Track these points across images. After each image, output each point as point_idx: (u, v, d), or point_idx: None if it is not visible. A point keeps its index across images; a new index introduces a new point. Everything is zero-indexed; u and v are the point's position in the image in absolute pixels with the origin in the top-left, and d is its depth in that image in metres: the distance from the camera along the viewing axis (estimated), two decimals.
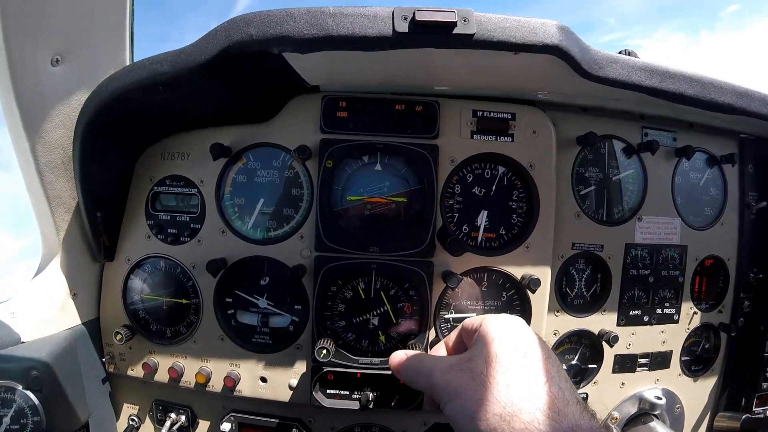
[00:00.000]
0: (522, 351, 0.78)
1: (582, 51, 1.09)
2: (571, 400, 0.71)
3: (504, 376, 0.73)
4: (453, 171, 1.39)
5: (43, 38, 1.17)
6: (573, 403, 0.71)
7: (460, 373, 0.78)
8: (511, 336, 0.82)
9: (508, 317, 0.90)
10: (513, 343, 0.80)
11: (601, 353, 1.57)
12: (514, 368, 0.75)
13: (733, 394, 1.77)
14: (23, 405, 1.16)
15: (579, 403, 0.72)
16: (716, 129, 1.68)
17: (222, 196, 1.42)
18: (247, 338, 1.44)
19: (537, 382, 0.73)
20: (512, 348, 0.79)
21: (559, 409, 0.69)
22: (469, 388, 0.74)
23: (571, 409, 0.69)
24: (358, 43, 1.00)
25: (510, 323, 0.87)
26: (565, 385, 0.75)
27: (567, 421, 0.67)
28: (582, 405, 0.72)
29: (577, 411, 0.69)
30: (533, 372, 0.75)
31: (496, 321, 0.87)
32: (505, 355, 0.77)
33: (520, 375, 0.74)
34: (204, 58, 1.04)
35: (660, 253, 1.60)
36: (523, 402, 0.69)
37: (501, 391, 0.71)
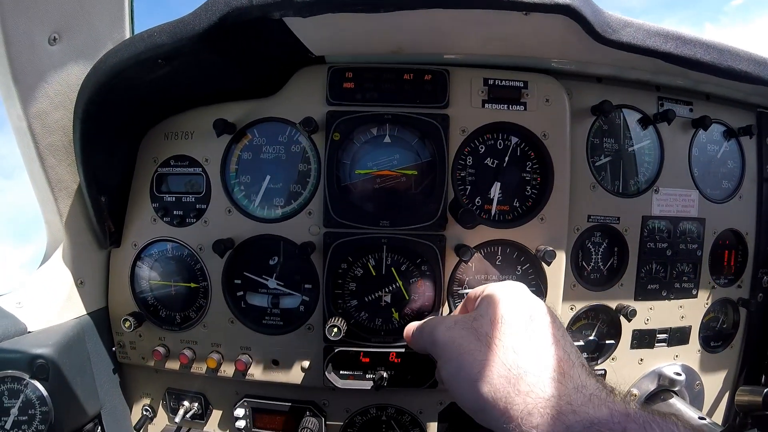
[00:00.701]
0: (527, 314, 0.78)
1: (595, 13, 1.05)
2: (576, 362, 0.71)
3: (510, 338, 0.73)
4: (464, 142, 1.35)
5: (40, 16, 1.14)
6: (578, 365, 0.71)
7: (464, 330, 0.77)
8: (516, 299, 0.81)
9: (511, 283, 0.89)
10: (518, 306, 0.79)
11: (619, 329, 1.54)
12: (519, 330, 0.74)
13: (753, 370, 1.74)
14: (31, 395, 1.15)
15: (584, 366, 0.71)
16: (734, 101, 1.64)
17: (227, 175, 1.40)
18: (258, 320, 1.42)
19: (543, 344, 0.72)
20: (518, 311, 0.78)
21: (564, 371, 0.68)
22: (473, 347, 0.73)
23: (577, 371, 0.69)
24: (360, 4, 0.96)
25: (514, 288, 0.86)
26: (571, 348, 0.74)
27: (572, 383, 0.67)
28: (587, 368, 0.71)
29: (582, 373, 0.69)
30: (539, 335, 0.74)
31: (500, 286, 0.87)
32: (511, 316, 0.76)
33: (525, 337, 0.73)
34: (203, 27, 1.01)
35: (678, 226, 1.56)
36: (528, 364, 0.69)
37: (507, 354, 0.71)
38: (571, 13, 0.99)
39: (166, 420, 1.55)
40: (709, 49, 1.22)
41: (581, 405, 0.63)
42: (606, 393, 0.66)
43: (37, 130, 1.21)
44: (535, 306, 0.80)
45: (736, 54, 1.26)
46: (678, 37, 1.18)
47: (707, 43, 1.22)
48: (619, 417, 0.60)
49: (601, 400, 0.64)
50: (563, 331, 0.78)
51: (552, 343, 0.73)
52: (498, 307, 0.78)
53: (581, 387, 0.66)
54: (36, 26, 1.14)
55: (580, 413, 0.62)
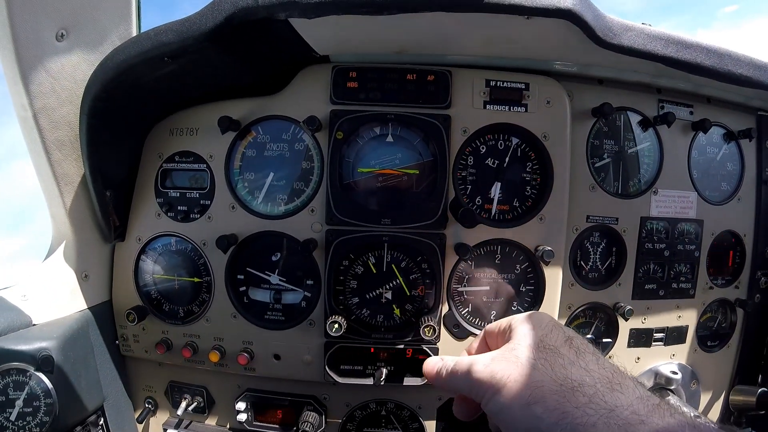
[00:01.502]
0: (565, 335, 0.75)
1: (596, 17, 1.06)
2: (626, 373, 0.69)
3: (555, 358, 0.70)
4: (466, 142, 1.36)
5: (48, 12, 1.15)
6: (629, 376, 0.68)
7: (504, 362, 0.73)
8: (549, 325, 0.79)
9: (537, 313, 0.86)
10: (554, 330, 0.77)
11: (616, 327, 1.56)
12: (563, 349, 0.72)
13: (749, 370, 1.75)
14: (36, 388, 1.16)
15: (632, 379, 0.68)
16: (734, 104, 1.65)
17: (231, 171, 1.41)
18: (260, 315, 1.44)
19: (591, 359, 0.70)
20: (555, 333, 0.76)
21: (621, 381, 0.66)
22: (518, 373, 0.70)
23: (633, 383, 0.66)
24: (365, 7, 0.97)
25: (543, 316, 0.83)
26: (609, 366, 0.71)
27: (633, 393, 0.64)
28: (634, 380, 0.68)
29: (636, 384, 0.66)
30: (583, 350, 0.72)
31: (527, 315, 0.84)
32: (550, 339, 0.74)
33: (571, 354, 0.71)
34: (209, 26, 1.02)
35: (676, 227, 1.58)
36: (582, 377, 0.66)
37: (556, 370, 0.68)
38: (572, 18, 1.01)
39: (169, 413, 1.57)
40: (709, 54, 1.23)
41: (648, 414, 0.60)
42: (668, 404, 0.63)
43: (44, 125, 1.22)
44: (568, 330, 0.79)
45: (736, 58, 1.28)
46: (679, 42, 1.19)
47: (708, 48, 1.23)
48: (690, 428, 0.58)
49: (666, 410, 0.62)
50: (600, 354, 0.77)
51: (599, 358, 0.71)
52: (533, 333, 0.76)
53: (644, 397, 0.63)
54: (43, 23, 1.15)
55: (649, 423, 0.59)
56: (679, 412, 0.61)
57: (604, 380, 0.66)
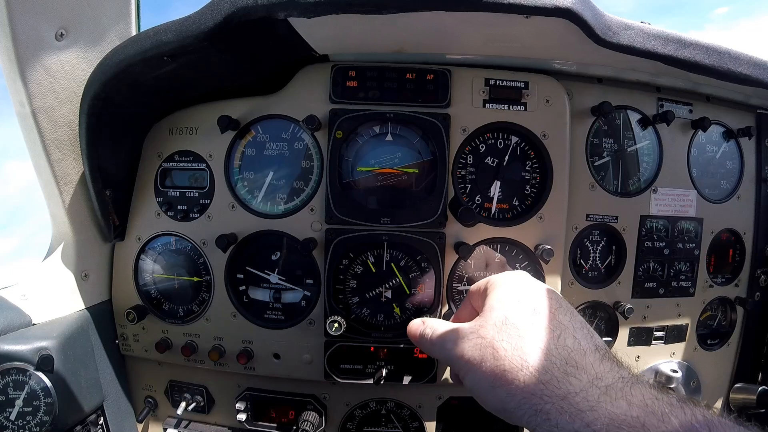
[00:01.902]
0: (530, 307, 0.76)
1: (595, 16, 1.06)
2: (588, 348, 0.69)
3: (516, 340, 0.71)
4: (465, 141, 1.36)
5: (47, 12, 1.15)
6: (590, 351, 0.68)
7: (472, 342, 0.76)
8: (518, 293, 0.80)
9: (512, 274, 0.88)
10: (521, 302, 0.78)
11: (616, 326, 1.56)
12: (524, 328, 0.73)
13: (750, 368, 1.75)
14: (35, 387, 1.16)
15: (597, 350, 0.69)
16: (733, 102, 1.65)
17: (231, 170, 1.41)
18: (260, 314, 1.44)
19: (550, 338, 0.70)
20: (521, 306, 0.77)
21: (576, 362, 0.66)
22: (483, 357, 0.72)
23: (589, 360, 0.67)
24: (364, 6, 0.97)
25: (515, 280, 0.85)
26: (581, 333, 0.72)
27: (587, 375, 0.65)
28: (600, 352, 0.68)
29: (595, 360, 0.67)
30: (544, 328, 0.72)
31: (501, 280, 0.85)
32: (514, 315, 0.75)
33: (531, 334, 0.71)
34: (208, 25, 1.02)
35: (676, 226, 1.58)
36: (538, 362, 0.67)
37: (515, 356, 0.69)
38: (571, 17, 1.01)
39: (169, 412, 1.56)
40: (708, 52, 1.23)
41: (598, 400, 0.61)
42: (623, 382, 0.63)
43: (44, 124, 1.22)
44: (537, 296, 0.79)
45: (735, 57, 1.27)
46: (678, 40, 1.19)
47: (707, 46, 1.23)
48: (637, 410, 0.59)
49: (617, 392, 0.62)
50: (571, 314, 0.76)
51: (560, 333, 0.71)
52: (500, 308, 0.78)
53: (596, 378, 0.64)
54: (43, 22, 1.15)
55: (599, 409, 0.60)
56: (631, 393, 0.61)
57: (561, 362, 0.66)
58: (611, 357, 0.69)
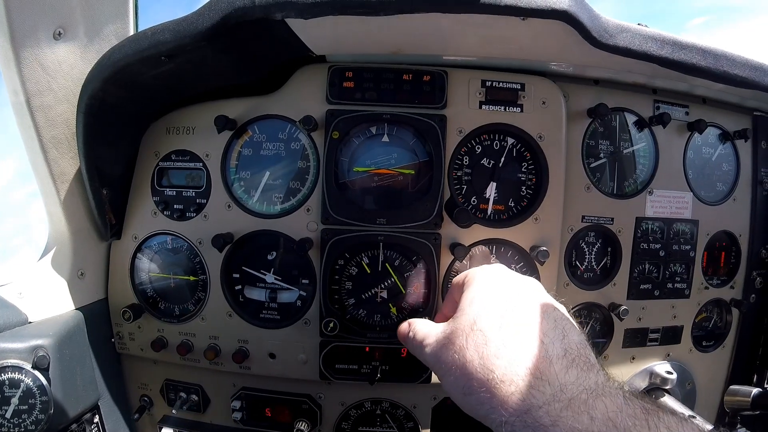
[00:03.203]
0: (500, 310, 0.75)
1: (592, 18, 1.07)
2: (555, 355, 0.67)
3: (483, 348, 0.70)
4: (461, 142, 1.37)
5: (45, 10, 1.15)
6: (557, 358, 0.66)
7: (445, 348, 0.76)
8: (490, 293, 0.79)
9: (487, 269, 0.87)
10: (492, 303, 0.77)
11: (611, 327, 1.56)
12: (491, 335, 0.71)
13: (744, 370, 1.75)
14: (31, 385, 1.16)
15: (566, 356, 0.67)
16: (730, 105, 1.65)
17: (228, 170, 1.41)
18: (255, 314, 1.44)
19: (516, 346, 0.69)
20: (491, 309, 0.76)
21: (541, 372, 0.65)
22: (455, 364, 0.73)
23: (554, 369, 0.65)
24: (362, 8, 0.98)
25: (489, 277, 0.84)
26: (552, 335, 0.70)
27: (551, 387, 0.63)
28: (569, 358, 0.66)
29: (561, 369, 0.65)
30: (511, 334, 0.71)
31: (475, 277, 0.85)
32: (482, 320, 0.74)
33: (497, 342, 0.70)
34: (206, 25, 1.02)
35: (671, 228, 1.58)
36: (502, 374, 0.66)
37: (481, 366, 0.68)
38: (568, 19, 1.01)
39: (164, 410, 1.57)
40: (705, 55, 1.23)
41: (560, 415, 0.60)
42: (587, 393, 0.62)
43: (41, 123, 1.22)
44: (509, 295, 0.78)
45: (732, 59, 1.28)
46: (674, 42, 1.19)
47: (703, 49, 1.23)
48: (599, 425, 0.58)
49: (580, 405, 0.60)
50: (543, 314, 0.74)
51: (527, 339, 0.69)
52: (470, 310, 0.77)
53: (560, 390, 0.62)
54: (41, 21, 1.15)
55: (560, 424, 0.59)
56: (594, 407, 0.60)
57: (525, 373, 0.65)
58: (579, 363, 0.67)
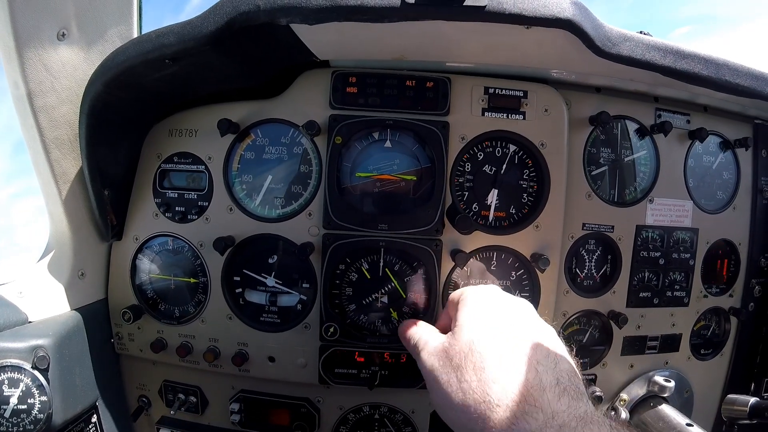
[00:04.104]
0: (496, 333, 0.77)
1: (595, 27, 1.07)
2: (548, 383, 0.69)
3: (480, 371, 0.72)
4: (463, 148, 1.37)
5: (50, 11, 1.15)
6: (550, 387, 0.68)
7: (441, 361, 0.78)
8: (487, 314, 0.81)
9: (483, 290, 0.89)
10: (488, 325, 0.79)
11: (610, 334, 1.56)
12: (489, 358, 0.73)
13: (742, 379, 1.76)
14: (30, 385, 1.16)
15: (558, 384, 0.68)
16: (731, 113, 1.65)
17: (230, 173, 1.41)
18: (255, 317, 1.44)
19: (512, 371, 0.71)
20: (486, 331, 0.78)
21: (534, 399, 0.66)
22: (449, 380, 0.75)
23: (547, 397, 0.66)
24: (367, 14, 0.98)
25: (485, 297, 0.86)
26: (545, 363, 0.72)
27: (543, 414, 0.65)
28: (561, 386, 0.68)
29: (553, 397, 0.66)
30: (508, 359, 0.73)
31: (471, 296, 0.87)
32: (480, 341, 0.76)
33: (494, 366, 0.72)
34: (210, 29, 1.02)
35: (671, 236, 1.58)
36: (498, 398, 0.68)
37: (477, 388, 0.71)
38: (571, 28, 1.01)
39: (162, 411, 1.57)
40: (707, 64, 1.23)
41: None
42: (576, 421, 0.64)
43: (44, 123, 1.22)
44: (505, 319, 0.80)
45: (734, 68, 1.28)
46: (676, 52, 1.19)
47: (705, 58, 1.23)
48: None
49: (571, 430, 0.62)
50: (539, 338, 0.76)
51: (523, 366, 0.71)
52: (468, 328, 0.79)
53: (551, 417, 0.64)
54: (45, 21, 1.15)
55: None
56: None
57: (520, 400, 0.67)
58: (570, 391, 0.68)
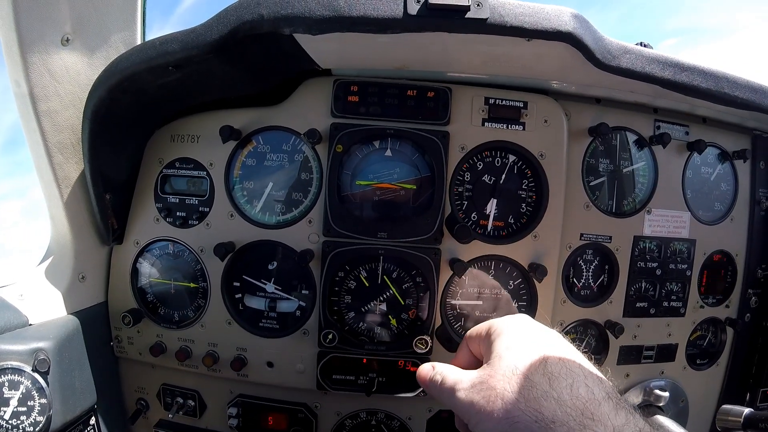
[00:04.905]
0: (539, 355, 0.74)
1: (596, 40, 1.08)
2: (602, 397, 0.67)
3: (528, 391, 0.70)
4: (463, 158, 1.38)
5: (54, 17, 1.16)
6: (604, 400, 0.67)
7: (482, 392, 0.75)
8: (525, 340, 0.79)
9: (515, 319, 0.87)
10: (529, 349, 0.76)
11: (607, 344, 1.57)
12: (537, 379, 0.71)
13: (738, 389, 1.76)
14: (30, 387, 1.16)
15: (610, 399, 0.67)
16: (729, 124, 1.66)
17: (231, 180, 1.42)
18: (255, 322, 1.45)
19: (563, 387, 0.69)
20: (529, 355, 0.75)
21: (592, 413, 0.65)
22: (494, 407, 0.71)
23: (604, 410, 0.65)
24: (369, 25, 0.99)
25: (520, 326, 0.84)
26: (592, 380, 0.70)
27: (603, 428, 0.63)
28: (614, 400, 0.67)
29: (610, 410, 0.65)
30: (557, 377, 0.70)
31: (505, 326, 0.84)
32: (524, 364, 0.73)
33: (543, 385, 0.70)
34: (214, 37, 1.03)
35: (668, 247, 1.59)
36: (553, 414, 0.66)
37: (529, 403, 0.68)
38: (572, 41, 1.02)
39: (160, 415, 1.57)
40: (706, 77, 1.24)
41: None
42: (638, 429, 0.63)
43: (47, 128, 1.23)
44: (544, 343, 0.78)
45: (733, 81, 1.29)
46: (676, 64, 1.20)
47: (705, 71, 1.24)
48: None
49: None
50: (580, 360, 0.74)
51: (572, 382, 0.69)
52: (509, 355, 0.76)
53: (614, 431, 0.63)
54: (49, 27, 1.16)
55: None
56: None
57: (577, 413, 0.65)
58: (624, 405, 0.67)
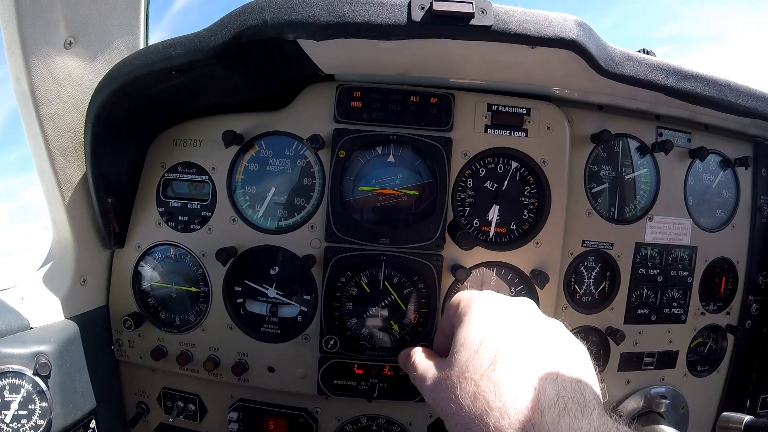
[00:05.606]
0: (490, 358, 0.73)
1: (599, 47, 1.08)
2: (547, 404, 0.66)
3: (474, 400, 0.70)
4: (466, 165, 1.38)
5: (57, 20, 1.16)
6: (548, 407, 0.65)
7: (441, 393, 0.78)
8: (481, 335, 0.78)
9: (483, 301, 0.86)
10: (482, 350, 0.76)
11: (608, 350, 1.57)
12: (483, 384, 0.71)
13: (738, 396, 1.77)
14: (31, 390, 1.16)
15: (557, 402, 0.65)
16: (731, 131, 1.66)
17: (233, 184, 1.42)
18: (256, 327, 1.44)
19: (509, 395, 0.68)
20: (483, 351, 0.75)
21: (533, 424, 0.64)
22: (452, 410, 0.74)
23: (546, 419, 0.63)
24: (373, 32, 0.99)
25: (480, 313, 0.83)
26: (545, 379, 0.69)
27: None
28: (560, 405, 0.65)
29: (552, 419, 0.64)
30: (505, 382, 0.70)
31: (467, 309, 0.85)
32: (475, 363, 0.74)
33: (489, 388, 0.70)
34: (217, 42, 1.03)
35: (670, 254, 1.59)
36: (497, 423, 0.66)
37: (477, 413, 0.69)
38: (576, 48, 1.02)
39: (161, 418, 1.57)
40: (709, 84, 1.24)
41: None
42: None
43: (49, 131, 1.23)
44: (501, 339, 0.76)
45: (736, 89, 1.29)
46: (679, 72, 1.20)
47: (708, 78, 1.24)
48: None
49: None
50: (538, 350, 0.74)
51: (519, 386, 0.69)
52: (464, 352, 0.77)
53: None
54: (52, 30, 1.16)
55: None
56: None
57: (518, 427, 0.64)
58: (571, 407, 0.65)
